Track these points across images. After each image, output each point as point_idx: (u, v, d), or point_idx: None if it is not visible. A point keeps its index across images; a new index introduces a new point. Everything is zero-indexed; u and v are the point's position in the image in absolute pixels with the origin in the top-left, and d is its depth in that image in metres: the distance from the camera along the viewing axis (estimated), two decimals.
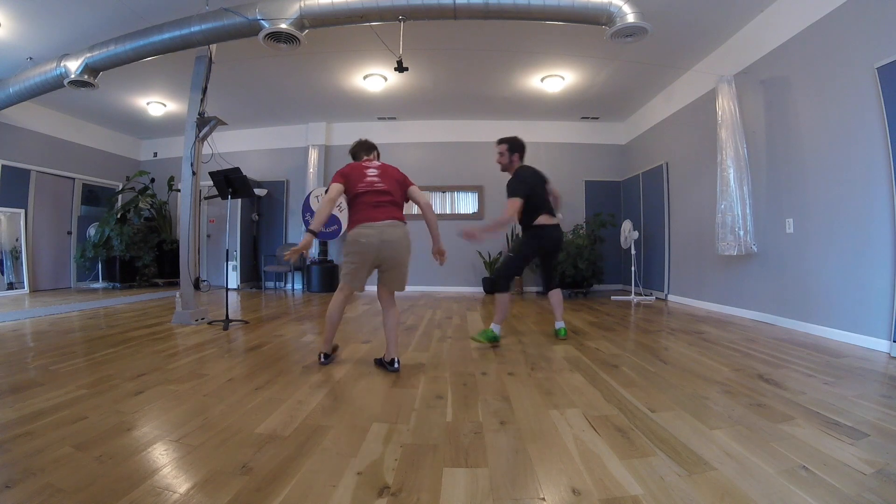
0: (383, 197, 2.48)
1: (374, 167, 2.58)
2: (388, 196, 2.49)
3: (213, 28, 3.79)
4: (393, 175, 2.59)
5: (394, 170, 2.62)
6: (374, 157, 2.77)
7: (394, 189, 2.54)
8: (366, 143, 2.84)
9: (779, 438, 1.57)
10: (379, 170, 2.57)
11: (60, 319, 4.24)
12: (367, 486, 1.28)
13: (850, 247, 3.27)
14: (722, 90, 4.41)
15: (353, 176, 2.51)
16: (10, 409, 1.84)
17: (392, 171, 2.60)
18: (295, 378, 2.37)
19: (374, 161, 2.68)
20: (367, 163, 2.63)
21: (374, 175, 2.52)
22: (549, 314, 4.79)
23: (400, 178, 2.61)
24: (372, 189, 2.48)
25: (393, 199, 2.51)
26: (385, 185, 2.51)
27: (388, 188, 2.51)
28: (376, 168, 2.57)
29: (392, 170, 2.62)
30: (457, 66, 5.57)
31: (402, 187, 2.60)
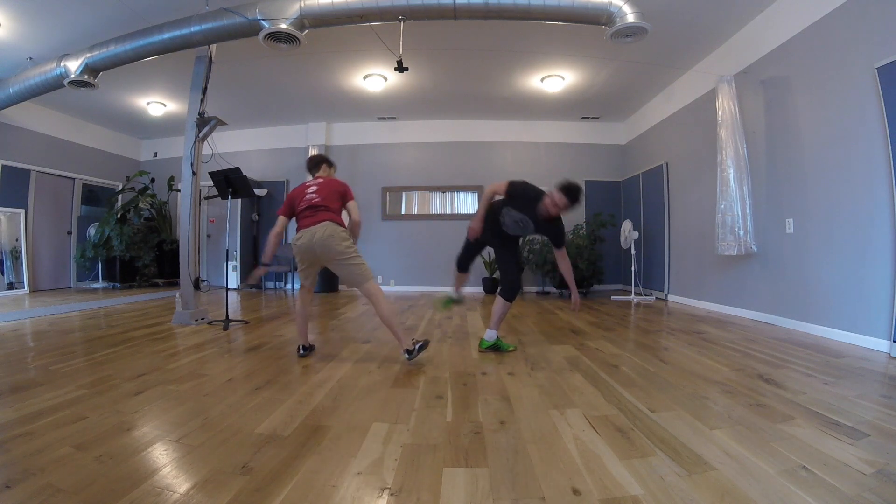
0: (317, 209, 2.74)
1: (315, 184, 2.84)
2: (321, 208, 2.73)
3: (213, 28, 3.79)
4: (334, 188, 2.82)
5: (337, 184, 2.87)
6: (324, 170, 3.02)
7: (330, 200, 2.77)
8: (312, 159, 3.09)
9: (779, 438, 1.57)
10: (319, 186, 2.83)
11: (60, 319, 4.24)
12: (367, 486, 1.28)
13: (850, 247, 3.27)
14: (722, 90, 4.41)
15: (296, 198, 2.83)
16: (10, 409, 1.84)
17: (334, 185, 2.84)
18: (295, 378, 2.37)
19: (318, 178, 2.94)
20: (311, 181, 2.90)
21: (313, 192, 2.80)
22: (550, 314, 4.80)
23: (341, 191, 2.83)
24: (309, 205, 2.76)
25: (326, 208, 2.74)
26: (320, 199, 2.76)
27: (323, 201, 2.75)
28: (317, 185, 2.83)
29: (335, 183, 2.86)
30: (457, 66, 5.57)
31: (342, 199, 2.83)
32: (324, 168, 3.04)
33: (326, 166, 3.06)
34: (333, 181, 2.90)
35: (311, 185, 2.85)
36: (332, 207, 2.76)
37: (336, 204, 2.79)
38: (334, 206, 2.78)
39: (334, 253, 2.68)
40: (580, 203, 2.85)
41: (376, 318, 4.44)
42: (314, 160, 3.08)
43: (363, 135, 7.81)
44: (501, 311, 3.00)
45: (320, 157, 3.11)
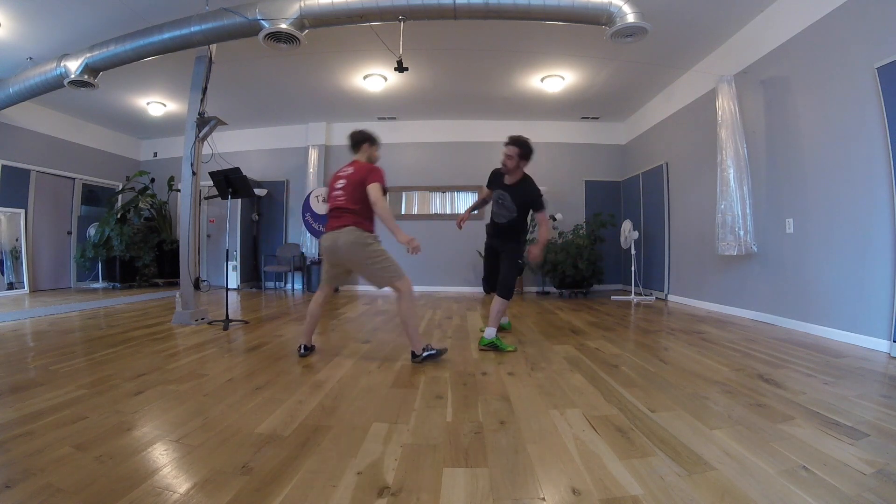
0: (341, 211, 2.68)
1: (344, 176, 2.72)
2: (345, 210, 2.66)
3: (213, 28, 3.79)
4: (359, 179, 2.65)
5: (363, 172, 2.67)
6: (364, 151, 2.81)
7: (354, 199, 2.65)
8: (353, 137, 2.85)
9: (779, 438, 1.57)
10: (347, 179, 2.69)
11: (60, 319, 4.24)
12: (367, 486, 1.28)
13: (850, 247, 3.27)
14: (722, 90, 4.41)
15: (330, 189, 2.79)
16: (10, 409, 1.84)
17: (361, 174, 2.66)
18: (295, 378, 2.37)
19: (353, 164, 2.77)
20: (342, 171, 2.77)
21: (340, 189, 2.70)
22: (550, 314, 4.80)
23: (361, 181, 2.64)
24: (334, 205, 2.72)
25: (350, 210, 2.65)
26: (344, 199, 2.67)
27: (347, 202, 2.66)
28: (345, 178, 2.71)
29: (362, 171, 2.67)
30: (457, 66, 5.57)
31: (364, 190, 2.63)
32: (364, 149, 2.80)
33: (368, 145, 2.81)
34: (362, 168, 2.69)
35: (340, 178, 2.72)
36: (355, 209, 2.63)
37: (359, 204, 2.64)
38: (358, 205, 2.63)
39: (359, 258, 2.65)
40: (527, 148, 3.05)
41: (377, 318, 4.44)
42: (355, 138, 2.83)
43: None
44: (499, 308, 3.10)
45: (362, 134, 2.83)
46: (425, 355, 2.66)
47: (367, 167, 2.71)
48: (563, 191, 7.52)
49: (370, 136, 2.85)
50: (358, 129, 2.88)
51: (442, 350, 2.75)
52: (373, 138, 2.85)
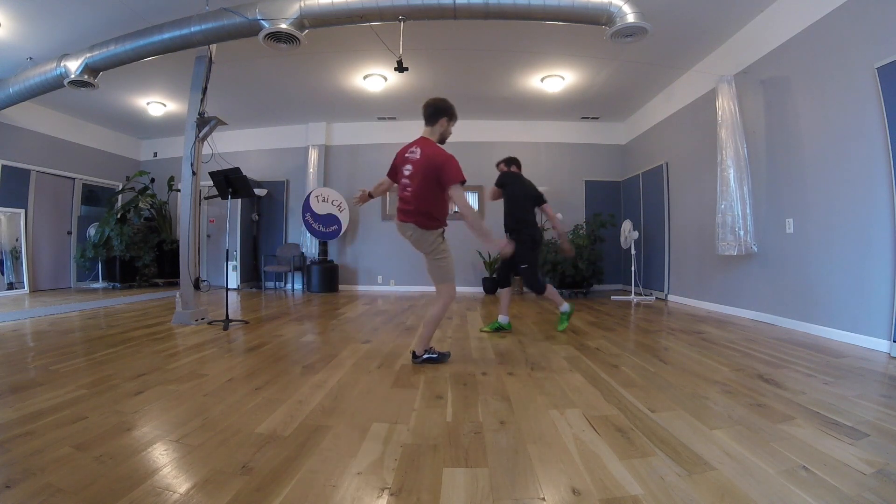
0: (406, 204, 2.58)
1: (412, 161, 2.53)
2: (410, 206, 2.56)
3: (213, 28, 3.79)
4: (430, 172, 2.47)
5: (435, 161, 2.46)
6: (440, 126, 2.60)
7: (420, 196, 2.50)
8: (429, 107, 2.59)
9: (779, 438, 1.57)
10: (415, 166, 2.51)
11: (60, 319, 4.24)
12: (367, 486, 1.28)
13: (850, 247, 3.27)
14: (722, 90, 4.41)
15: (398, 168, 2.62)
16: (10, 409, 1.84)
17: (432, 164, 2.46)
18: (295, 378, 2.37)
19: (421, 143, 2.56)
20: (411, 153, 2.55)
21: (408, 176, 2.55)
22: (550, 314, 4.80)
23: (437, 175, 2.46)
24: (402, 194, 2.61)
25: (413, 209, 2.53)
26: (411, 191, 2.53)
27: (413, 195, 2.51)
28: (413, 165, 2.53)
29: (435, 160, 2.46)
30: (457, 66, 5.57)
31: (438, 182, 2.47)
32: (441, 123, 2.58)
33: (446, 121, 2.59)
34: (434, 157, 2.46)
35: (407, 162, 2.53)
36: (421, 206, 2.50)
37: (425, 204, 2.50)
38: (424, 202, 2.49)
39: (423, 249, 2.63)
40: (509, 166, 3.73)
41: (376, 318, 4.44)
42: (434, 107, 2.58)
43: (363, 135, 7.81)
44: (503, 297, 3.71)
45: (443, 105, 2.57)
46: (425, 357, 2.66)
47: (438, 157, 2.46)
48: (563, 191, 7.52)
49: (451, 109, 2.59)
50: (439, 97, 2.62)
51: (443, 354, 2.73)
52: (453, 112, 2.60)
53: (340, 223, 7.36)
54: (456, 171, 2.45)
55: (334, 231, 7.33)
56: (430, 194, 2.50)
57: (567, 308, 3.67)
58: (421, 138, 2.62)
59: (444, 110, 2.59)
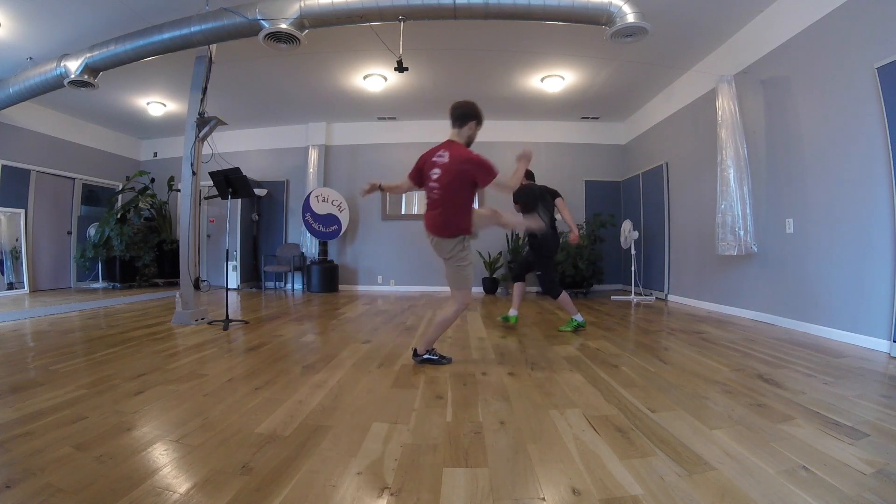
0: (432, 205, 2.57)
1: (440, 165, 2.50)
2: (435, 204, 2.54)
3: (213, 28, 3.79)
4: (457, 176, 2.45)
5: (463, 165, 2.44)
6: (468, 129, 2.59)
7: (447, 200, 2.48)
8: (457, 109, 2.60)
9: (779, 438, 1.57)
10: (443, 170, 2.48)
11: (60, 319, 4.24)
12: (367, 486, 1.28)
13: (850, 246, 3.26)
14: (722, 90, 4.41)
15: (424, 170, 2.59)
16: (10, 409, 1.84)
17: (459, 168, 2.44)
18: (295, 378, 2.37)
19: (449, 146, 2.54)
20: (439, 157, 2.52)
21: (436, 179, 2.51)
22: (550, 314, 4.80)
23: (466, 178, 2.45)
24: (429, 197, 2.57)
25: (439, 205, 2.51)
26: (439, 193, 2.50)
27: (441, 198, 2.50)
28: (441, 168, 2.49)
29: (462, 164, 2.44)
30: (457, 66, 5.57)
31: (468, 184, 2.46)
32: (470, 126, 2.57)
33: (475, 124, 2.59)
34: (466, 157, 2.45)
35: (436, 165, 2.50)
36: (446, 212, 2.49)
37: (453, 207, 2.49)
38: (450, 208, 2.48)
39: (442, 253, 2.59)
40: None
41: (376, 318, 4.44)
42: (462, 110, 2.59)
43: (363, 135, 7.81)
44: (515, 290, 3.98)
45: (472, 108, 2.58)
46: (425, 357, 2.66)
47: (471, 158, 2.45)
48: (563, 191, 7.42)
49: (480, 113, 2.59)
50: (467, 101, 2.61)
51: (444, 358, 2.68)
52: (482, 116, 2.60)
53: (340, 223, 7.36)
54: (490, 168, 2.44)
55: (334, 231, 7.33)
56: (459, 198, 2.49)
57: (580, 319, 3.71)
58: (448, 141, 2.58)
59: (473, 114, 2.59)
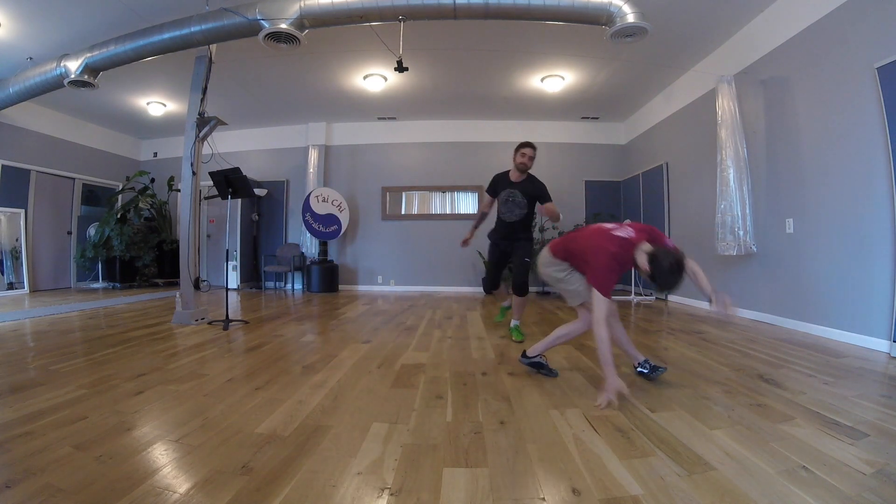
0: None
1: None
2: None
3: (213, 28, 3.78)
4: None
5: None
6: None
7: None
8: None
9: (779, 438, 1.57)
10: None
11: (60, 319, 4.24)
12: (367, 486, 1.28)
13: (850, 246, 3.27)
14: (722, 90, 4.41)
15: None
16: (10, 409, 1.84)
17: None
18: (295, 378, 2.37)
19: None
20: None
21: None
22: (550, 314, 4.80)
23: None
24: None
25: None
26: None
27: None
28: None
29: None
30: (457, 66, 5.57)
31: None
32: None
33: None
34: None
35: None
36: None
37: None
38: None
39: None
40: (528, 148, 3.32)
41: (377, 318, 4.44)
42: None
43: (363, 135, 7.82)
44: (522, 304, 3.49)
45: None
46: (535, 360, 2.45)
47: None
48: (563, 191, 7.52)
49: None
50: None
51: (550, 371, 2.45)
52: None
53: (340, 223, 7.36)
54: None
55: (334, 231, 7.33)
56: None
57: (514, 324, 3.50)
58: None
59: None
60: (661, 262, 1.89)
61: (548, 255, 2.42)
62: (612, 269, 2.05)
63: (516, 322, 3.53)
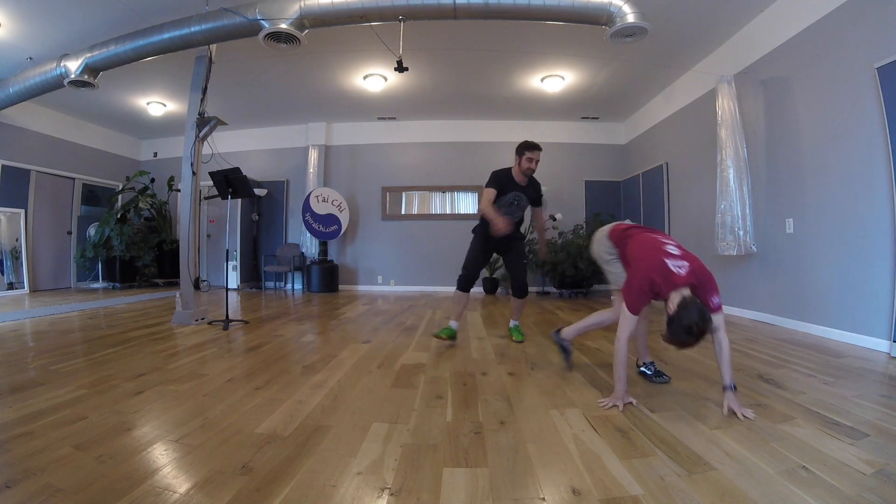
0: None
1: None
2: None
3: (213, 28, 3.79)
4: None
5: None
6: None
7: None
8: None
9: (779, 438, 1.57)
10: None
11: (60, 319, 4.24)
12: (367, 486, 1.28)
13: (850, 247, 3.27)
14: (722, 90, 4.41)
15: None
16: (10, 409, 1.84)
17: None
18: (295, 378, 2.37)
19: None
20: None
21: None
22: (550, 314, 4.80)
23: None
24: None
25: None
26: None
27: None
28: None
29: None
30: (457, 66, 5.57)
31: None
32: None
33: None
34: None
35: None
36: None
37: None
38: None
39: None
40: (537, 151, 3.18)
41: (377, 318, 4.44)
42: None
43: (363, 135, 7.82)
44: (516, 305, 3.45)
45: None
46: (564, 343, 2.51)
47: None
48: (563, 191, 7.53)
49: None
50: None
51: (570, 362, 2.56)
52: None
53: (340, 223, 7.36)
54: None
55: (334, 231, 7.33)
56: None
57: (455, 326, 3.26)
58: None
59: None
60: (684, 317, 1.72)
61: (604, 236, 2.39)
62: (644, 291, 1.97)
63: (516, 322, 3.50)
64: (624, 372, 1.95)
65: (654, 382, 2.30)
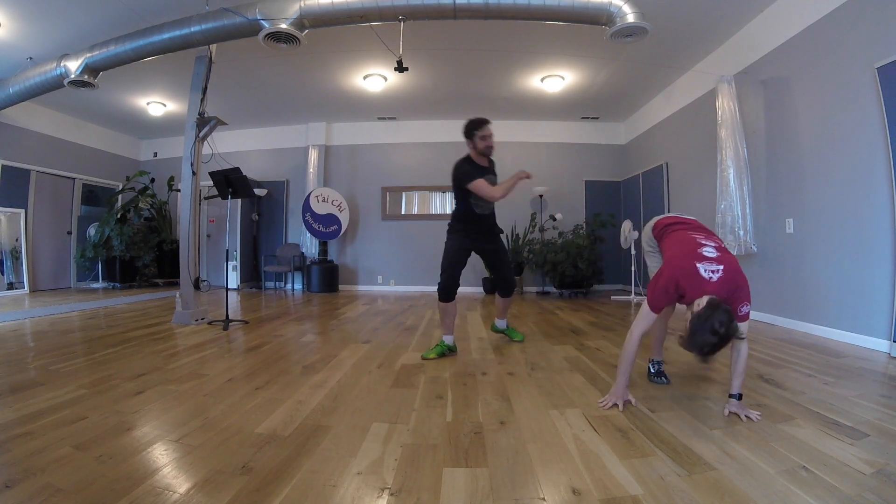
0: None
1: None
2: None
3: (213, 28, 3.79)
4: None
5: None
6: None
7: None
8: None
9: (779, 438, 1.57)
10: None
11: (60, 319, 4.24)
12: (367, 486, 1.28)
13: (850, 247, 3.26)
14: (722, 90, 4.41)
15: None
16: (10, 409, 1.84)
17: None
18: (295, 378, 2.37)
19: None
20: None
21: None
22: (550, 314, 4.80)
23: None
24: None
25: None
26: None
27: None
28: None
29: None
30: (457, 66, 5.57)
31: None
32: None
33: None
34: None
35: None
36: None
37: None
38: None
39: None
40: (490, 125, 2.88)
41: (377, 318, 4.44)
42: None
43: (363, 135, 7.81)
44: (505, 304, 3.34)
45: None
46: (660, 367, 2.35)
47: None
48: (563, 191, 7.53)
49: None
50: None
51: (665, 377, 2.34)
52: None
53: (340, 223, 7.36)
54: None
55: (334, 231, 7.33)
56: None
57: (449, 340, 2.91)
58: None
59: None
60: (704, 324, 1.62)
61: (649, 228, 2.38)
62: (668, 292, 1.86)
63: (504, 321, 3.40)
64: (628, 368, 1.94)
65: (652, 381, 2.30)
